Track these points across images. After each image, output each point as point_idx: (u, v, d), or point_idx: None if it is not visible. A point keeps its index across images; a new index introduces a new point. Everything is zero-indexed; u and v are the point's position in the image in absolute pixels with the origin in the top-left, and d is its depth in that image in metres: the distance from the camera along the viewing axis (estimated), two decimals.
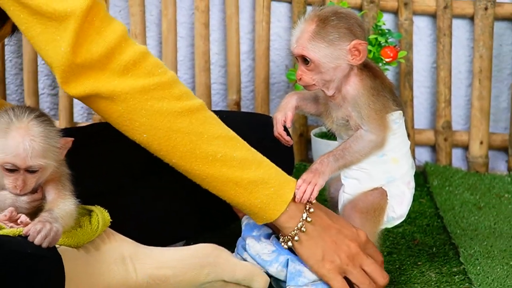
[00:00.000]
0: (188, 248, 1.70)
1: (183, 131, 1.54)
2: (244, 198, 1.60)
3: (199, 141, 1.55)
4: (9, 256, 1.43)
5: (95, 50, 1.49)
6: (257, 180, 1.59)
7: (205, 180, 1.58)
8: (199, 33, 2.46)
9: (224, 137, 1.58)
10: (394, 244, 2.01)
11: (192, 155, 1.56)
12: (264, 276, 1.72)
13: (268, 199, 1.60)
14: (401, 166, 1.73)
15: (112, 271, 1.60)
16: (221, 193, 1.60)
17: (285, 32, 2.52)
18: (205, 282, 1.69)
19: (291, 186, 1.62)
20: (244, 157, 1.58)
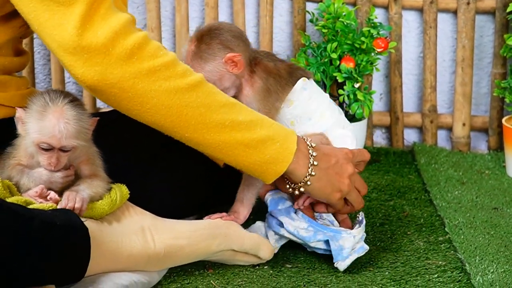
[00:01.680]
0: (201, 221, 1.70)
1: (193, 105, 1.51)
2: (255, 157, 1.56)
3: (208, 112, 1.51)
4: (40, 227, 1.43)
5: (100, 33, 1.43)
6: (264, 138, 1.55)
7: (217, 148, 1.54)
8: None
9: (228, 104, 1.54)
10: (386, 216, 2.00)
11: (204, 126, 1.52)
12: (270, 246, 1.72)
13: (276, 153, 1.56)
14: (329, 117, 1.73)
15: (133, 241, 1.59)
16: (233, 158, 1.56)
17: (286, 25, 2.50)
18: (217, 251, 1.68)
19: (293, 138, 1.59)
20: (249, 119, 1.55)
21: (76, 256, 1.48)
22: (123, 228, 1.60)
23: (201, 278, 1.68)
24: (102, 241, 1.54)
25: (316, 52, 2.27)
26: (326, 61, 2.25)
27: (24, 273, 1.41)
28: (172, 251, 1.63)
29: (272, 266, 1.74)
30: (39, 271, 1.43)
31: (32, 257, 1.41)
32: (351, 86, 2.22)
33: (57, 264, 1.45)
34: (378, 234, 1.90)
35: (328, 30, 2.25)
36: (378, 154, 2.41)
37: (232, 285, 1.66)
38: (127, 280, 1.55)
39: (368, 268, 1.74)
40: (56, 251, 1.44)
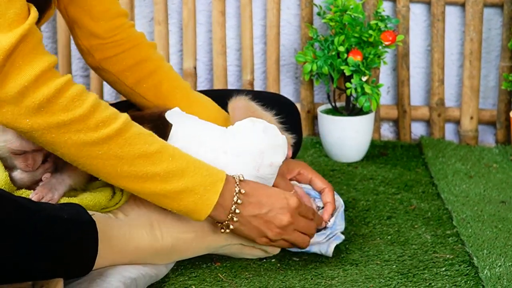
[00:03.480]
0: None
1: (103, 157, 1.47)
2: (171, 206, 1.53)
3: (119, 164, 1.48)
4: (48, 220, 1.43)
5: (12, 86, 1.41)
6: (182, 189, 1.51)
7: (133, 192, 1.53)
8: (216, 20, 2.45)
9: (145, 154, 1.49)
10: (393, 209, 2.00)
11: (115, 176, 1.49)
12: None
13: (193, 205, 1.53)
14: (224, 162, 1.62)
15: (141, 235, 1.59)
16: (151, 201, 1.54)
17: (294, 18, 2.50)
18: (224, 245, 1.68)
19: (217, 188, 1.53)
20: (166, 169, 1.50)
21: (83, 249, 1.48)
22: (130, 221, 1.60)
23: (209, 271, 1.69)
24: (109, 235, 1.54)
25: (324, 45, 2.27)
26: (334, 54, 2.24)
27: (31, 267, 1.41)
28: (179, 244, 1.63)
29: (279, 259, 1.74)
30: (46, 265, 1.43)
31: (39, 250, 1.41)
32: (359, 79, 2.21)
33: (65, 258, 1.45)
34: (385, 228, 1.89)
35: (336, 23, 2.25)
36: (385, 147, 2.40)
37: (240, 278, 1.66)
38: (134, 273, 1.55)
39: (375, 261, 1.74)
40: (64, 245, 1.44)
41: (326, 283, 1.65)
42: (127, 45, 1.76)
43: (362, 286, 1.63)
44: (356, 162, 2.30)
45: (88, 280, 1.50)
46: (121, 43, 1.76)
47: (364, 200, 2.04)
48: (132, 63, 1.77)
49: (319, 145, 2.41)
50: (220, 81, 2.47)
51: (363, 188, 2.12)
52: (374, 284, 1.64)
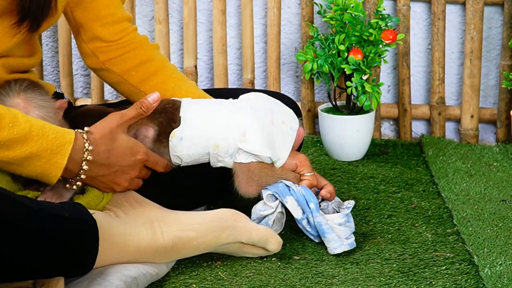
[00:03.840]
0: (209, 213, 1.70)
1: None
2: (20, 171, 1.52)
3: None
4: (49, 219, 1.43)
5: None
6: (26, 155, 1.50)
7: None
8: (217, 19, 2.45)
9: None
10: (394, 208, 2.00)
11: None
12: (278, 239, 1.72)
13: (41, 169, 1.52)
14: (223, 141, 1.69)
15: (141, 233, 1.59)
16: (3, 169, 1.53)
17: (294, 17, 2.50)
18: (225, 243, 1.68)
19: (64, 152, 1.52)
20: (7, 137, 1.48)
21: (84, 248, 1.48)
22: (131, 220, 1.60)
23: (209, 270, 1.69)
24: (110, 233, 1.54)
25: (324, 44, 2.27)
26: (334, 53, 2.24)
27: (32, 265, 1.42)
28: (180, 243, 1.63)
29: (280, 258, 1.74)
30: (47, 263, 1.43)
31: (40, 249, 1.42)
32: (359, 78, 2.21)
33: (66, 256, 1.45)
34: (386, 226, 1.89)
35: (336, 22, 2.25)
36: (386, 146, 2.40)
37: (240, 276, 1.66)
38: (135, 271, 1.55)
39: (375, 260, 1.74)
40: (65, 244, 1.44)
41: (327, 281, 1.65)
42: (132, 46, 1.78)
43: (362, 285, 1.63)
44: (357, 161, 2.30)
45: (88, 279, 1.51)
46: (125, 45, 1.77)
47: (364, 199, 2.04)
48: (136, 62, 1.78)
49: (319, 144, 2.41)
50: (220, 80, 2.47)
51: (363, 186, 2.12)
52: (374, 282, 1.64)
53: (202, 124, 1.69)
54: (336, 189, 2.09)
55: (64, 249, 1.44)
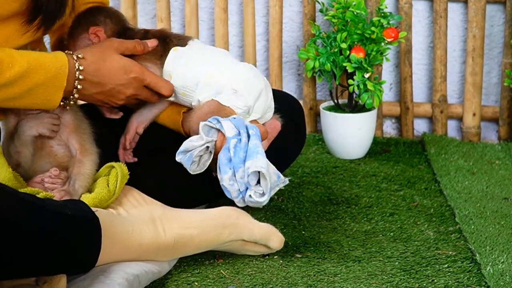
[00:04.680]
0: (211, 210, 1.70)
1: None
2: (25, 103, 1.58)
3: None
4: (52, 217, 1.43)
5: None
6: (30, 87, 1.56)
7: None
8: (219, 17, 2.45)
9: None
10: (396, 206, 2.00)
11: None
12: (280, 236, 1.72)
13: (45, 95, 1.58)
14: (219, 77, 1.70)
15: (144, 231, 1.59)
16: (7, 106, 1.58)
17: (296, 15, 2.50)
18: (227, 241, 1.68)
19: (62, 76, 1.58)
20: (9, 77, 1.54)
21: (87, 246, 1.48)
22: (133, 218, 1.60)
23: (211, 267, 1.69)
24: (112, 231, 1.54)
25: (326, 42, 2.27)
26: (336, 51, 2.24)
27: (34, 263, 1.42)
28: (182, 240, 1.63)
29: (282, 256, 1.74)
30: (49, 261, 1.43)
31: (43, 246, 1.41)
32: (361, 76, 2.21)
33: (68, 254, 1.45)
34: (388, 224, 1.89)
35: (338, 20, 2.25)
36: (388, 144, 2.40)
37: (242, 274, 1.66)
38: (137, 269, 1.56)
39: (378, 258, 1.74)
40: (67, 241, 1.44)
41: (329, 279, 1.65)
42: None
43: (365, 282, 1.64)
44: (359, 159, 2.30)
45: (91, 276, 1.51)
46: None
47: (366, 197, 2.04)
48: None
49: (321, 142, 2.41)
50: None
51: (365, 184, 2.12)
52: (376, 280, 1.64)
53: (204, 55, 1.72)
54: (337, 188, 2.10)
55: (66, 247, 1.44)
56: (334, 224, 1.90)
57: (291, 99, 1.96)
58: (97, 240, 1.49)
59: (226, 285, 1.62)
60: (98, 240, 1.49)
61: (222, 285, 1.62)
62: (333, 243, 1.80)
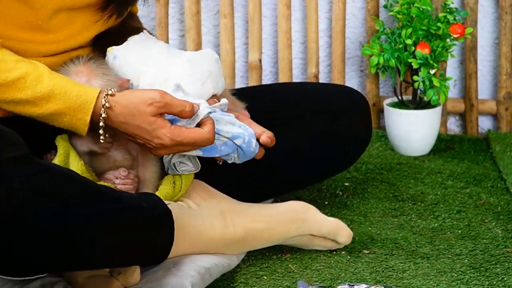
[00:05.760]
0: (280, 205, 1.70)
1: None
2: (52, 124, 1.55)
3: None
4: (128, 209, 1.45)
5: None
6: (52, 112, 1.52)
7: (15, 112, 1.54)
8: (282, 13, 2.45)
9: (7, 83, 1.50)
10: (463, 203, 1.98)
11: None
12: (348, 231, 1.72)
13: (69, 124, 1.53)
14: (150, 74, 1.63)
15: (214, 225, 1.60)
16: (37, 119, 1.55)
17: (359, 11, 2.48)
18: (295, 236, 1.69)
19: (88, 108, 1.51)
20: (32, 95, 1.51)
21: (160, 238, 1.50)
22: (203, 211, 1.61)
23: (279, 262, 1.69)
24: (184, 224, 1.55)
25: (390, 38, 2.25)
26: (401, 47, 2.23)
27: (110, 254, 1.43)
28: (251, 234, 1.64)
29: (349, 251, 1.73)
30: (125, 253, 1.45)
31: (119, 238, 1.43)
32: (427, 72, 2.19)
33: (142, 246, 1.47)
34: (455, 222, 1.88)
35: (403, 16, 2.23)
36: (452, 141, 2.38)
37: (310, 269, 1.66)
38: (208, 262, 1.57)
39: (446, 255, 1.72)
40: (142, 233, 1.46)
41: (398, 276, 1.64)
42: None
43: (434, 279, 1.62)
44: (423, 156, 2.28)
45: (163, 268, 1.52)
46: None
47: (432, 194, 2.03)
48: None
49: (384, 139, 2.39)
50: (285, 74, 2.47)
51: (430, 182, 2.10)
52: (446, 278, 1.63)
53: (138, 51, 1.64)
54: (402, 184, 2.08)
55: (141, 239, 1.46)
56: (401, 221, 1.89)
57: (357, 94, 1.94)
58: (170, 233, 1.50)
59: (295, 280, 1.62)
60: (171, 232, 1.50)
61: (291, 280, 1.62)
62: (400, 240, 1.79)
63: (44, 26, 1.54)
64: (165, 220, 1.50)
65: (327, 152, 1.83)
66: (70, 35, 1.58)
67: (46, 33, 1.55)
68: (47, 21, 1.54)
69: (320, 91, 1.89)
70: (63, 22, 1.56)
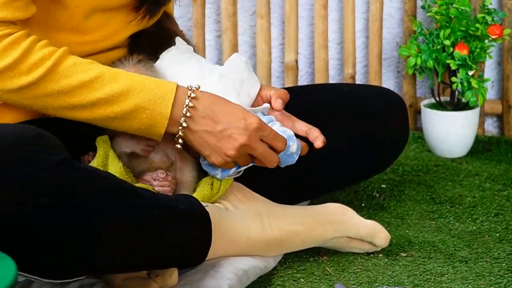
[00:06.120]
0: (317, 207, 1.69)
1: (43, 95, 1.48)
2: (128, 126, 1.51)
3: (60, 97, 1.48)
4: (166, 211, 1.45)
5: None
6: (131, 108, 1.49)
7: (87, 121, 1.52)
8: (319, 14, 2.44)
9: (84, 83, 1.48)
10: (500, 206, 1.96)
11: (61, 109, 1.50)
12: (386, 233, 1.71)
13: (147, 120, 1.50)
14: None
15: (251, 227, 1.60)
16: (109, 126, 1.53)
17: (396, 12, 2.47)
18: (332, 238, 1.68)
19: (167, 102, 1.49)
20: (110, 92, 1.49)
21: (198, 240, 1.50)
22: (240, 213, 1.61)
23: (316, 264, 1.68)
24: (221, 226, 1.55)
25: (428, 39, 2.24)
26: (439, 48, 2.21)
27: (149, 256, 1.44)
28: (288, 236, 1.63)
29: (386, 254, 1.72)
30: (163, 254, 1.46)
31: (157, 240, 1.44)
32: (465, 73, 2.17)
33: (181, 248, 1.47)
34: (493, 224, 1.86)
35: (441, 17, 2.22)
36: (489, 143, 2.36)
37: (348, 272, 1.65)
38: (246, 264, 1.56)
39: (484, 258, 1.71)
40: (180, 235, 1.46)
41: (436, 279, 1.63)
42: None
43: (472, 283, 1.61)
44: (460, 158, 2.26)
45: (201, 270, 1.52)
46: None
47: (470, 197, 2.01)
48: None
49: (421, 140, 2.38)
50: (321, 74, 2.47)
51: (468, 184, 2.08)
52: (484, 282, 1.62)
53: (171, 69, 1.63)
54: (440, 187, 2.07)
55: (179, 241, 1.46)
56: (438, 224, 1.87)
57: (394, 95, 1.93)
58: (208, 235, 1.51)
59: (332, 283, 1.62)
60: (208, 234, 1.51)
61: (328, 282, 1.62)
62: (438, 243, 1.77)
63: (79, 27, 1.55)
64: (203, 222, 1.50)
65: (363, 153, 1.82)
66: (105, 36, 1.59)
67: (81, 34, 1.56)
68: (82, 22, 1.55)
69: (356, 92, 1.88)
70: (97, 23, 1.57)
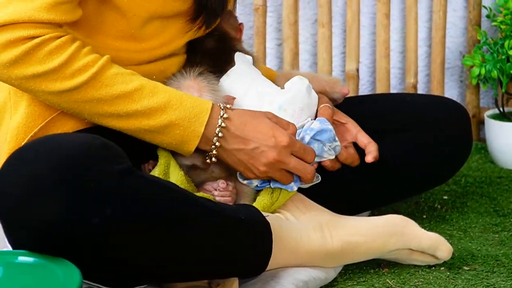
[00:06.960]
0: (378, 218, 1.67)
1: (82, 101, 1.50)
2: (160, 139, 1.53)
3: (99, 105, 1.50)
4: (227, 220, 1.45)
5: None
6: (166, 123, 1.51)
7: (121, 130, 1.54)
8: (381, 22, 2.42)
9: (124, 94, 1.50)
10: None
11: (98, 116, 1.51)
12: (448, 246, 1.68)
13: (180, 137, 1.52)
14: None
15: (311, 237, 1.59)
16: (141, 138, 1.55)
17: (460, 21, 2.44)
18: (393, 250, 1.66)
19: (202, 120, 1.52)
20: (148, 106, 1.50)
21: (258, 250, 1.49)
22: (301, 223, 1.60)
23: (377, 276, 1.66)
24: (282, 236, 1.54)
25: (493, 48, 2.20)
26: (503, 58, 2.17)
27: (210, 266, 1.44)
28: (349, 247, 1.62)
29: (448, 267, 1.70)
30: (225, 264, 1.45)
31: (219, 250, 1.44)
32: None
33: (241, 257, 1.47)
34: None
35: (506, 26, 2.18)
36: None
37: (409, 285, 1.63)
38: (306, 275, 1.55)
39: None
40: (241, 245, 1.46)
41: None
42: None
43: None
44: None
45: (262, 280, 1.52)
46: None
47: None
48: None
49: (484, 151, 2.34)
50: (382, 83, 2.44)
51: None
52: None
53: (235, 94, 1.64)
54: (503, 199, 2.03)
55: (240, 251, 1.46)
56: (502, 237, 1.84)
57: (457, 106, 1.90)
58: (269, 244, 1.50)
59: None
60: (269, 244, 1.50)
61: None
62: (501, 257, 1.74)
63: (136, 34, 1.56)
64: (263, 232, 1.49)
65: (425, 164, 1.80)
66: (161, 43, 1.60)
67: (138, 41, 1.57)
68: (139, 30, 1.56)
69: (418, 102, 1.86)
70: (154, 30, 1.58)
